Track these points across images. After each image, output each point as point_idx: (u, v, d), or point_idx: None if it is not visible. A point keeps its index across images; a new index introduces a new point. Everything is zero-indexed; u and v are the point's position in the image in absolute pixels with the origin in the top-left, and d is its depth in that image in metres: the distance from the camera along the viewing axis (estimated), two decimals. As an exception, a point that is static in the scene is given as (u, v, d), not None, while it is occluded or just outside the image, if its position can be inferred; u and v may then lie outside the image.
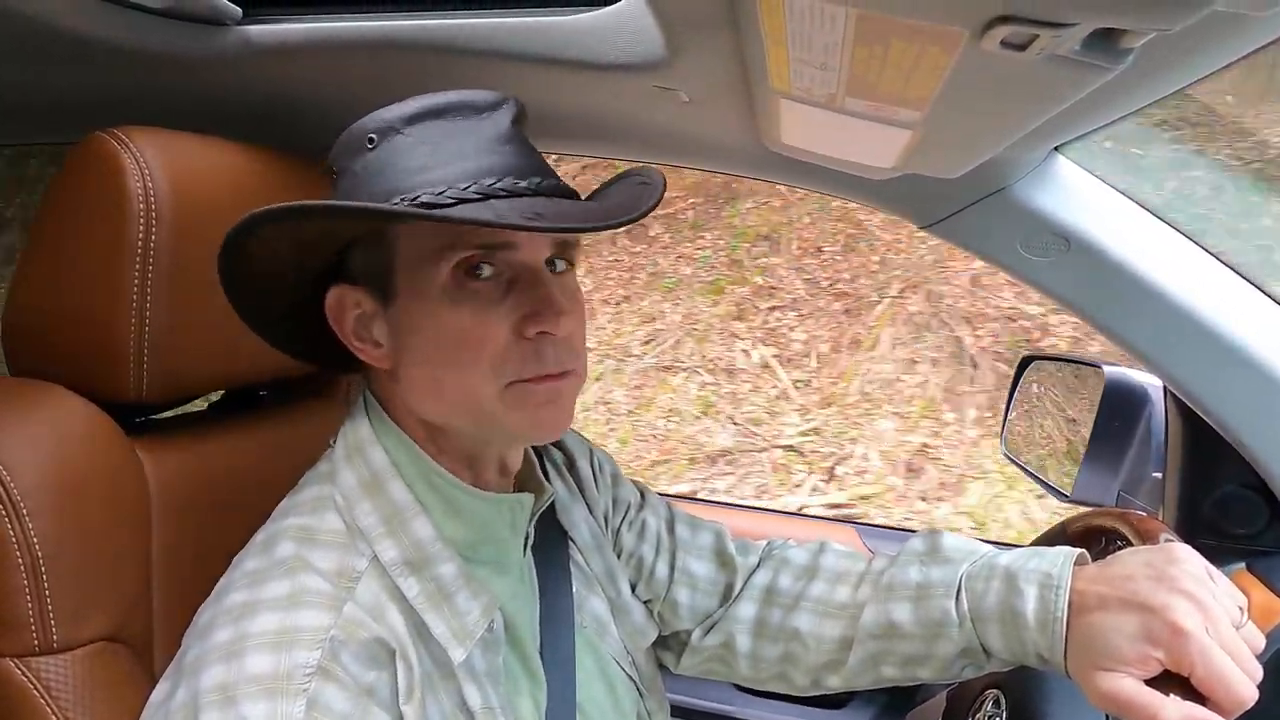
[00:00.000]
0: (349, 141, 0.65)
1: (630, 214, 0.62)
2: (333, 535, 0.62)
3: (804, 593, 0.83)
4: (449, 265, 0.61)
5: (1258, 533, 1.01)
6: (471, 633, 0.64)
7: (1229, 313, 0.93)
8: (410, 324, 0.63)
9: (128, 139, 0.72)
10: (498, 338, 0.61)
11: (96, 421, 0.72)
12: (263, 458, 0.86)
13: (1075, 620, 0.65)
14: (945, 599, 0.73)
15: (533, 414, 0.63)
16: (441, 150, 0.62)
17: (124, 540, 0.72)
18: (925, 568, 0.76)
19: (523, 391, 0.62)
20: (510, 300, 0.62)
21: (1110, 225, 0.94)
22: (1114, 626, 0.62)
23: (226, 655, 0.54)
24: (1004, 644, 0.70)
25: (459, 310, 0.61)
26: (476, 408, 0.63)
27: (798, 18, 0.45)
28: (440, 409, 0.65)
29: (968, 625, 0.71)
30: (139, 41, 0.84)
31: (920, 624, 0.74)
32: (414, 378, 0.65)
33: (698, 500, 2.60)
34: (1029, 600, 0.67)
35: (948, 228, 1.02)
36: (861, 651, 0.77)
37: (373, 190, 0.62)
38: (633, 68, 0.78)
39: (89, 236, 0.73)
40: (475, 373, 0.61)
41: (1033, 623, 0.67)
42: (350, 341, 0.66)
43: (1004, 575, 0.70)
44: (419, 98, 0.64)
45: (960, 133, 0.61)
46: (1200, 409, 0.98)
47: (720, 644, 0.85)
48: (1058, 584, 0.67)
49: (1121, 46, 0.39)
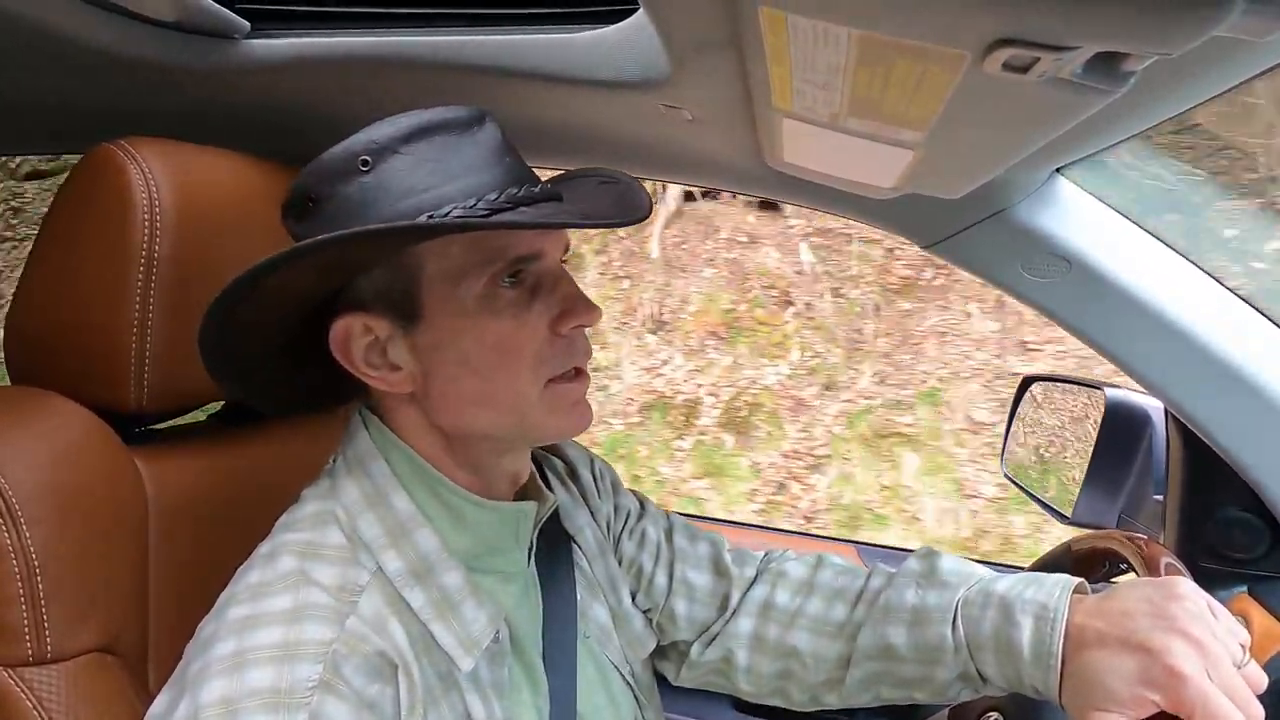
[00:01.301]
0: (331, 166, 0.62)
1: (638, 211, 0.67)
2: (335, 550, 0.62)
3: (801, 609, 0.83)
4: (485, 278, 0.62)
5: (1259, 556, 1.01)
6: (478, 642, 0.63)
7: (1229, 336, 0.93)
8: (442, 341, 0.63)
9: (134, 150, 0.73)
10: (535, 338, 0.64)
11: (96, 431, 0.72)
12: (262, 470, 0.86)
13: (1072, 655, 0.64)
14: (941, 625, 0.72)
15: (567, 413, 0.67)
16: (446, 167, 0.62)
17: (121, 551, 0.72)
18: (922, 591, 0.76)
19: (557, 393, 0.66)
20: (539, 303, 0.65)
21: (1111, 247, 0.94)
22: (1111, 667, 0.61)
23: (229, 669, 0.54)
24: (999, 672, 0.70)
25: (500, 319, 0.63)
26: (521, 409, 0.65)
27: (800, 38, 0.45)
28: (481, 417, 0.66)
29: (964, 653, 0.71)
30: (148, 54, 0.84)
31: (916, 649, 0.74)
32: (449, 392, 0.65)
33: (698, 517, 2.59)
34: (1024, 632, 0.67)
35: (949, 248, 1.02)
36: (859, 672, 0.77)
37: (383, 211, 0.61)
38: (638, 86, 0.78)
39: (93, 246, 0.74)
40: (518, 374, 0.64)
41: (1028, 656, 0.66)
42: (361, 370, 0.64)
43: (1000, 604, 0.70)
44: (400, 117, 0.62)
45: (962, 154, 0.61)
46: (1201, 432, 0.98)
47: (719, 658, 0.85)
48: (1054, 617, 0.66)
49: (1123, 70, 0.40)
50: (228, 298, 0.59)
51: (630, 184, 0.72)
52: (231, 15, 0.83)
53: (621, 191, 0.71)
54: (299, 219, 0.64)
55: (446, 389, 0.65)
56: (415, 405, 0.66)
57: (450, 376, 0.64)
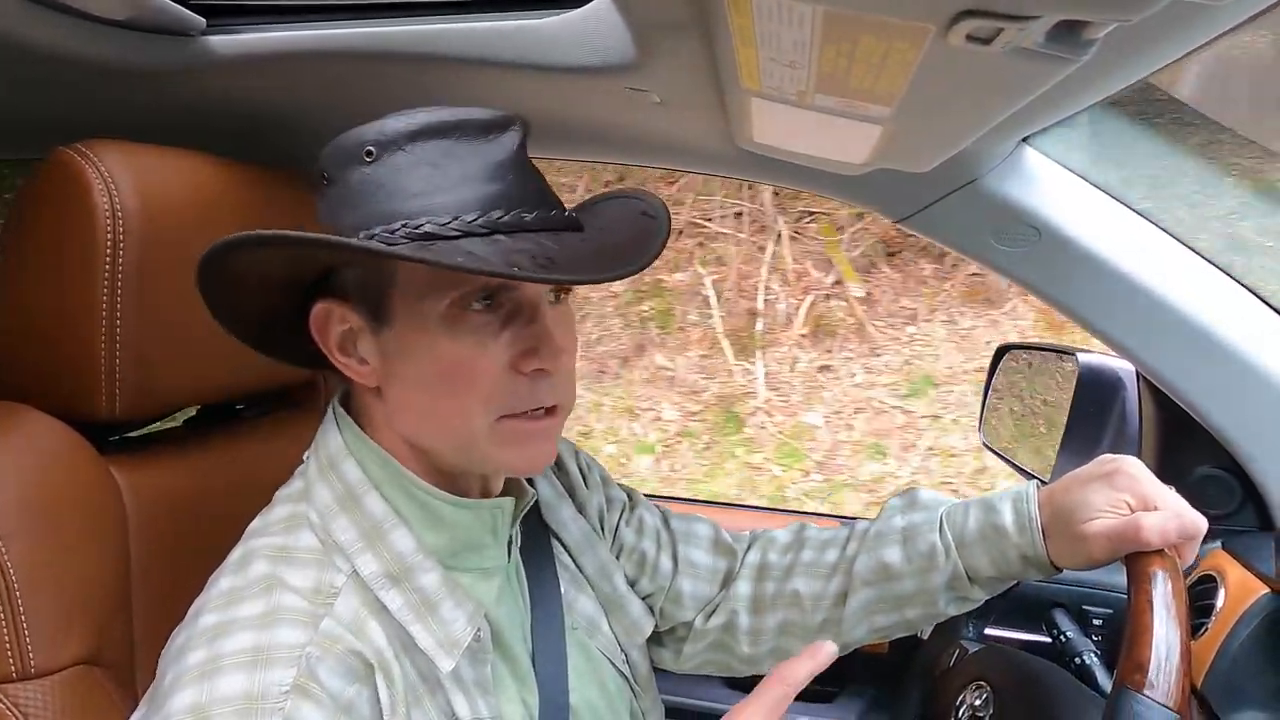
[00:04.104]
0: (344, 149, 0.62)
1: (641, 258, 0.63)
2: (308, 553, 0.61)
3: (795, 561, 0.87)
4: (448, 299, 0.60)
5: (1232, 512, 1.03)
6: (458, 642, 0.63)
7: (1197, 298, 0.94)
8: (403, 350, 0.62)
9: (93, 154, 0.71)
10: (492, 370, 0.61)
11: (69, 442, 0.71)
12: (241, 473, 0.85)
13: (1048, 519, 0.75)
14: (930, 534, 0.79)
15: (520, 451, 0.64)
16: (443, 173, 0.61)
17: (101, 562, 0.71)
18: (907, 515, 0.83)
19: (512, 429, 0.63)
20: (508, 334, 0.62)
21: (1079, 214, 0.95)
22: (1082, 497, 0.72)
23: (200, 676, 0.53)
24: (989, 561, 0.77)
25: (457, 341, 0.61)
26: (466, 438, 0.63)
27: (766, 17, 0.45)
28: (427, 434, 0.65)
29: (953, 554, 0.78)
30: (99, 54, 0.82)
31: (910, 560, 0.80)
32: (403, 401, 0.64)
33: (680, 499, 2.60)
34: (1006, 515, 0.76)
35: (921, 221, 1.02)
36: (855, 601, 0.82)
37: (371, 210, 0.60)
38: (604, 70, 0.78)
39: (56, 254, 0.72)
40: (468, 404, 0.61)
41: (1012, 530, 0.75)
42: (334, 355, 0.65)
43: (980, 504, 0.79)
44: (423, 111, 0.62)
45: (930, 127, 0.62)
46: (1172, 393, 0.99)
47: (723, 625, 0.88)
48: (1027, 494, 0.77)
49: (1084, 38, 0.40)
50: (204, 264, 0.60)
51: (661, 218, 0.69)
52: (185, 11, 0.81)
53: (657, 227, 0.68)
54: (320, 190, 0.65)
55: (403, 396, 0.64)
56: (381, 401, 0.66)
57: (405, 387, 0.64)
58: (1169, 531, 0.67)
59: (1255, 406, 0.95)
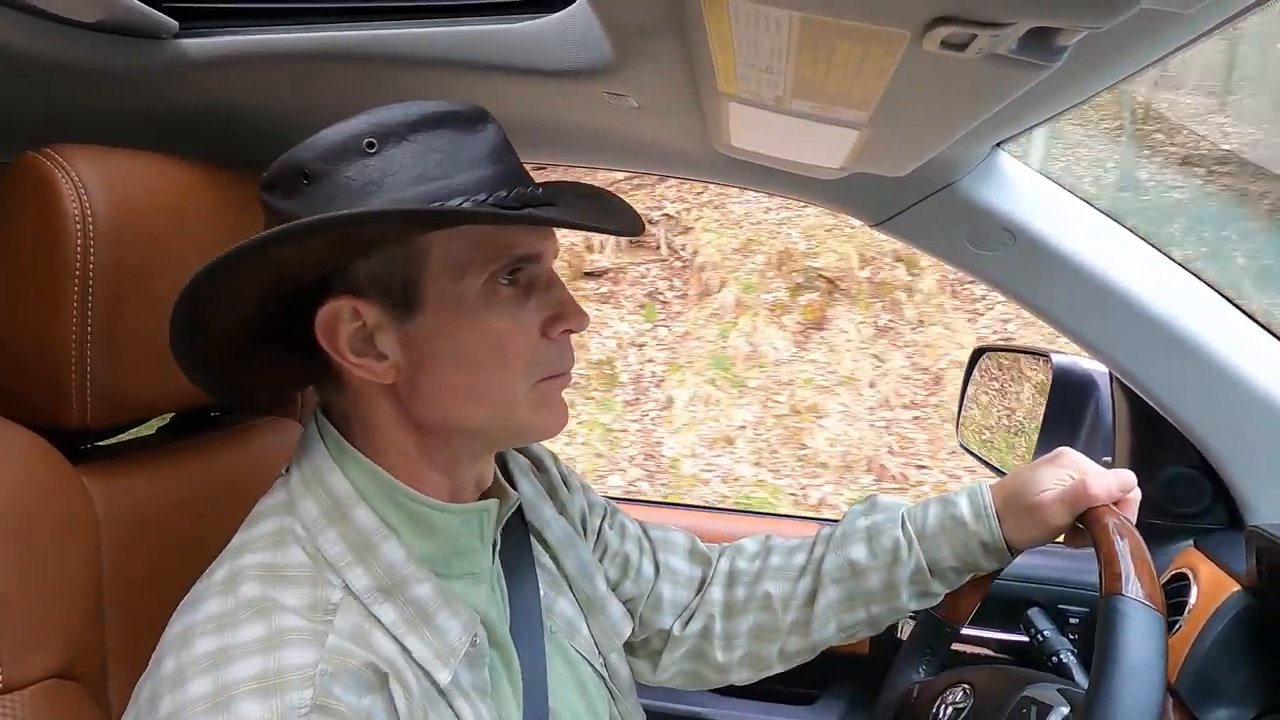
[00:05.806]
0: (333, 144, 0.60)
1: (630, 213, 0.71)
2: (299, 570, 0.60)
3: (764, 566, 0.90)
4: (486, 274, 0.62)
5: (1203, 511, 1.05)
6: (455, 650, 0.63)
7: (1168, 299, 0.96)
8: (439, 333, 0.62)
9: (62, 158, 0.70)
10: (531, 338, 0.65)
11: (40, 452, 0.70)
12: (217, 480, 0.84)
13: (1001, 504, 0.82)
14: (893, 529, 0.85)
15: (550, 411, 0.68)
16: (454, 158, 0.61)
17: (72, 573, 0.69)
18: (870, 516, 0.88)
19: (545, 390, 0.67)
20: (533, 303, 0.66)
21: (1053, 218, 0.96)
22: (1030, 475, 0.81)
23: (213, 708, 0.51)
24: (950, 550, 0.83)
25: (497, 315, 0.63)
26: (507, 407, 0.66)
27: (743, 23, 0.45)
28: (465, 412, 0.65)
29: (915, 548, 0.84)
30: (70, 57, 0.81)
31: (876, 556, 0.85)
32: (437, 385, 0.64)
33: (651, 503, 2.60)
34: (963, 505, 0.83)
35: (897, 225, 1.03)
36: (824, 600, 0.86)
37: (390, 196, 0.59)
38: (581, 74, 0.78)
39: (25, 260, 0.71)
40: (513, 372, 0.65)
41: (970, 518, 0.82)
42: (344, 357, 0.62)
43: (937, 500, 0.86)
44: (408, 104, 0.62)
45: (905, 131, 0.62)
46: (1143, 393, 1.01)
47: (700, 631, 0.90)
48: (981, 487, 0.84)
49: (1056, 45, 0.41)
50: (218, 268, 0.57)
51: (611, 197, 0.74)
52: (158, 14, 0.80)
53: (606, 203, 0.72)
54: (287, 195, 0.61)
55: (436, 382, 0.63)
56: (391, 398, 0.65)
57: (442, 369, 0.63)
58: (1111, 486, 0.78)
59: (1225, 407, 0.97)
